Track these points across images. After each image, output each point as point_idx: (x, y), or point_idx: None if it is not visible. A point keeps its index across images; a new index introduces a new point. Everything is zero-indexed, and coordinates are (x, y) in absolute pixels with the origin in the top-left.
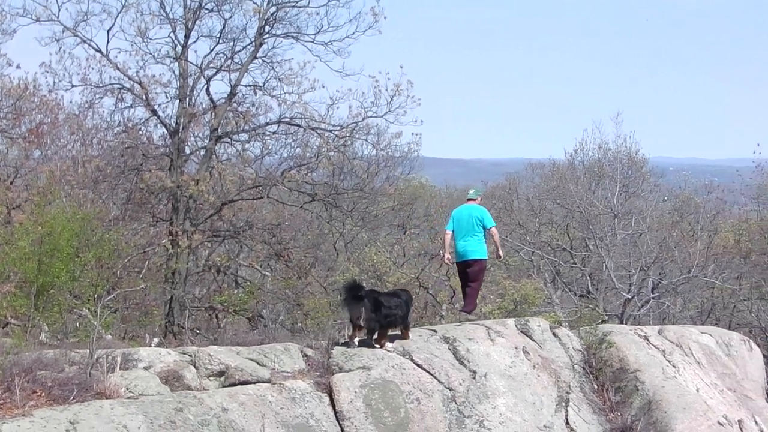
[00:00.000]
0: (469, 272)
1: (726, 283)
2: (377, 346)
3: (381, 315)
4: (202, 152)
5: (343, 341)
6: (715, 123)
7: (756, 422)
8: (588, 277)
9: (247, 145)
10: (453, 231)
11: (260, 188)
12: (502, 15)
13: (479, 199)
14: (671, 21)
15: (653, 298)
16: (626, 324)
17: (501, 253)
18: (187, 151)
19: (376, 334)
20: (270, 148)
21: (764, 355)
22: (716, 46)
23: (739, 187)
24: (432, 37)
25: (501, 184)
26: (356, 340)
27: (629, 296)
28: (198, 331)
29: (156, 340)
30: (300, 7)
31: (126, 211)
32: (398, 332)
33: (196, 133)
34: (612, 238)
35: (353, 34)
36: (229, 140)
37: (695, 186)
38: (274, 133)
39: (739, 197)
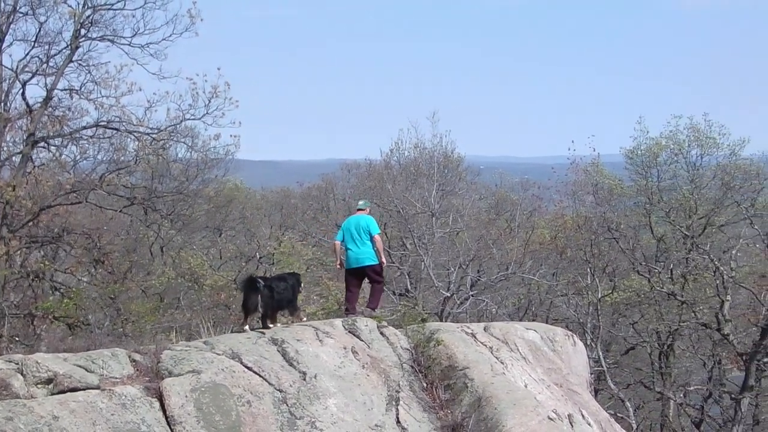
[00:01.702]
0: (369, 277)
1: (543, 279)
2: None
3: (273, 300)
4: (18, 157)
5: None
6: (527, 122)
7: (583, 416)
8: (407, 276)
9: (63, 150)
10: (342, 241)
11: (78, 193)
12: (312, 13)
13: (368, 209)
14: (479, 21)
15: (472, 295)
16: (446, 321)
17: (383, 259)
18: (3, 156)
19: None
20: (87, 152)
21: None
22: (525, 47)
23: (554, 184)
24: (237, 36)
25: (317, 185)
26: (246, 327)
27: (448, 294)
28: (17, 339)
29: None
30: (116, 9)
31: None
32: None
33: (11, 138)
34: (430, 236)
35: (170, 36)
36: (45, 145)
37: (511, 184)
38: (91, 137)
39: (554, 194)
